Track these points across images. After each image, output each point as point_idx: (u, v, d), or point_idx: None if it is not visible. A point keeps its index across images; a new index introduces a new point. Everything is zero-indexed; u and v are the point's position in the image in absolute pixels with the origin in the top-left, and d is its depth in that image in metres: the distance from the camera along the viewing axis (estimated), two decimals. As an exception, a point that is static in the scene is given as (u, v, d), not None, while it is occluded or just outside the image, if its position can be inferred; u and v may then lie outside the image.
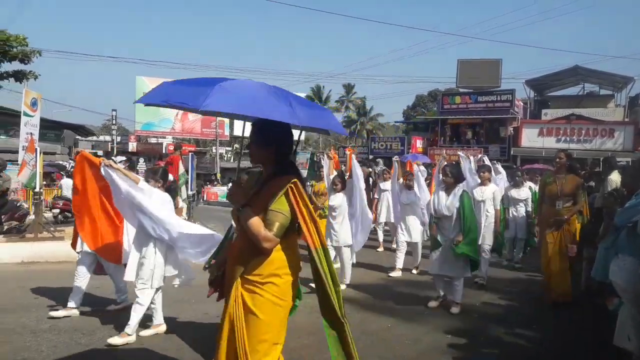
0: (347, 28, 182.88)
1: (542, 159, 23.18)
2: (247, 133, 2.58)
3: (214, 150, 44.97)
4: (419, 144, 30.64)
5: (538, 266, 6.99)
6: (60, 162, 28.42)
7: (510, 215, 8.28)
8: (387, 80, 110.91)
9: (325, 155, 7.82)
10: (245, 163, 5.04)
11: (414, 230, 7.77)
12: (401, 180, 8.13)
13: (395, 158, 8.86)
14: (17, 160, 16.04)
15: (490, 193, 6.99)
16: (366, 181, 9.28)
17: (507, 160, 25.51)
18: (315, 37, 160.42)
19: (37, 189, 9.81)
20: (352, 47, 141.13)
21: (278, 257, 2.45)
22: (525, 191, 8.35)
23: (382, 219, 9.84)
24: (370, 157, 26.97)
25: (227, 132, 42.21)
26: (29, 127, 15.20)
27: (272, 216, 2.36)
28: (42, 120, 17.03)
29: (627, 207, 3.54)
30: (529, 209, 8.26)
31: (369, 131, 50.20)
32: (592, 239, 5.79)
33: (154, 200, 4.50)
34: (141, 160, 29.42)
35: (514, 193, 8.28)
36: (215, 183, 34.41)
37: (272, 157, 2.51)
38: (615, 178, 6.57)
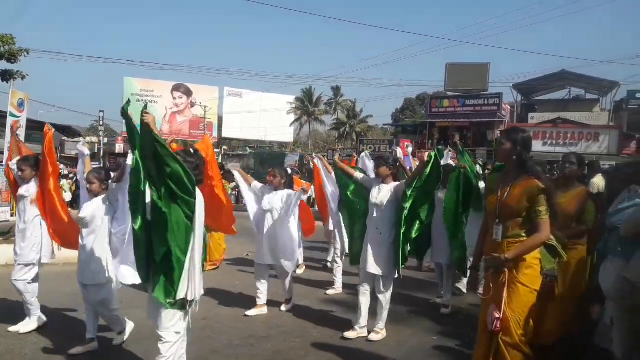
0: (337, 30, 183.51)
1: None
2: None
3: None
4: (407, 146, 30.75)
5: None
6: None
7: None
8: (376, 84, 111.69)
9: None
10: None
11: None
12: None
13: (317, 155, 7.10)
14: (2, 162, 15.92)
15: (388, 193, 4.70)
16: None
17: (494, 164, 25.67)
18: (304, 40, 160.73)
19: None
20: (342, 50, 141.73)
21: None
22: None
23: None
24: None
25: (215, 134, 42.09)
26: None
27: None
28: (28, 120, 16.80)
29: (619, 209, 3.52)
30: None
31: (358, 133, 50.30)
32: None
33: None
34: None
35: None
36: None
37: None
38: (598, 181, 6.69)
